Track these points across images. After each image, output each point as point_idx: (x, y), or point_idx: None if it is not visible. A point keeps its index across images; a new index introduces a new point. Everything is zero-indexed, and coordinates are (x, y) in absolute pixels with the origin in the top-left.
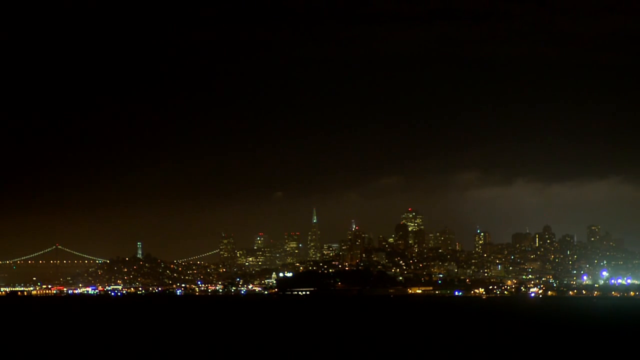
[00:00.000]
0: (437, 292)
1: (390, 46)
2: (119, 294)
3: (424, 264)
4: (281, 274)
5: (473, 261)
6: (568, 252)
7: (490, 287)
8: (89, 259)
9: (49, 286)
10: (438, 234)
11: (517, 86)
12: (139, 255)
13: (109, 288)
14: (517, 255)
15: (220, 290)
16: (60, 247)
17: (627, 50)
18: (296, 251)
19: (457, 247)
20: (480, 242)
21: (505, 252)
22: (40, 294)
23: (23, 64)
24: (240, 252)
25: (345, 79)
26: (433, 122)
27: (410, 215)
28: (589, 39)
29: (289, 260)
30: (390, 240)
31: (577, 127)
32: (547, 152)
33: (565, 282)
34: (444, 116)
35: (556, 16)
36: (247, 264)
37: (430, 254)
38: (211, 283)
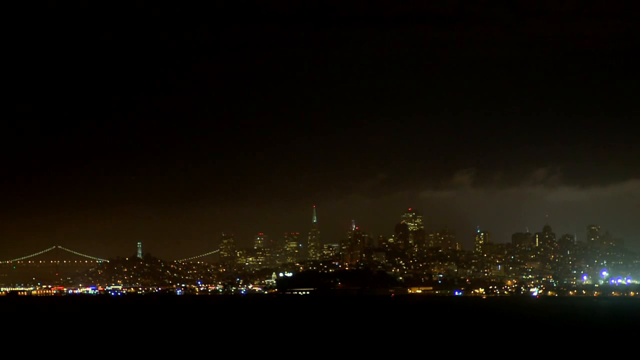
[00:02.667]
0: (437, 292)
1: (368, 48)
2: (119, 294)
3: (424, 264)
4: (281, 274)
5: (473, 261)
6: (568, 252)
7: (490, 287)
8: (89, 259)
9: (49, 286)
10: (438, 234)
11: (514, 88)
12: (139, 255)
13: (109, 288)
14: (517, 255)
15: (220, 290)
16: (60, 247)
17: (599, 51)
18: (296, 251)
19: (457, 247)
20: (480, 242)
21: (505, 252)
22: (40, 294)
23: (23, 65)
24: (240, 252)
25: (337, 80)
26: (432, 122)
27: (410, 215)
28: (560, 41)
29: (289, 260)
30: (390, 240)
31: (574, 128)
32: (548, 152)
33: (565, 282)
34: (442, 116)
35: (526, 19)
36: (247, 264)
37: (430, 254)
38: (211, 283)
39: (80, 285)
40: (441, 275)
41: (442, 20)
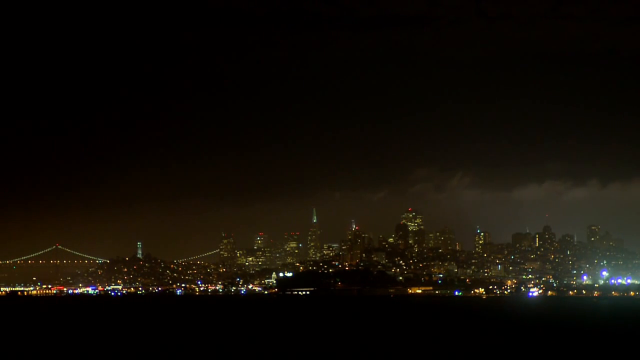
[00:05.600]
0: (437, 292)
1: (347, 50)
2: (119, 294)
3: (424, 264)
4: (281, 274)
5: (473, 261)
6: (568, 252)
7: (490, 287)
8: (89, 259)
9: (49, 286)
10: (438, 234)
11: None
12: (139, 255)
13: (109, 288)
14: (517, 255)
15: (220, 290)
16: (60, 247)
17: (570, 53)
18: (296, 251)
19: (457, 247)
20: (480, 242)
21: (505, 252)
22: (40, 294)
23: (24, 64)
24: (240, 252)
25: (332, 80)
26: (432, 122)
27: (410, 215)
28: (529, 43)
29: (289, 260)
30: (390, 240)
31: (573, 129)
32: (548, 153)
33: (565, 282)
34: (443, 116)
35: (495, 22)
36: (247, 264)
37: (430, 254)
38: (211, 283)
39: (80, 285)
40: (441, 275)
41: (412, 23)
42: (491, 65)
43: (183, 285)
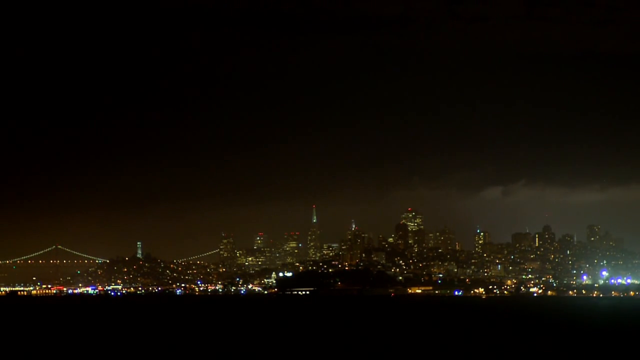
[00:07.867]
0: (437, 292)
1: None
2: (118, 294)
3: (424, 263)
4: (281, 274)
5: (473, 261)
6: (568, 252)
7: (490, 287)
8: (89, 259)
9: (49, 286)
10: (438, 233)
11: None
12: (139, 255)
13: (108, 288)
14: (517, 255)
15: (220, 290)
16: (60, 247)
17: (545, 54)
18: (296, 251)
19: (457, 247)
20: (480, 242)
21: (505, 252)
22: (40, 294)
23: (24, 64)
24: (240, 252)
25: (332, 80)
26: (433, 123)
27: (410, 215)
28: (504, 45)
29: (289, 260)
30: (390, 240)
31: (573, 129)
32: (548, 153)
33: (565, 282)
34: (443, 116)
35: (472, 25)
36: (247, 263)
37: (430, 254)
38: (211, 283)
39: (80, 285)
40: (441, 275)
41: (391, 25)
42: (473, 67)
43: (183, 285)
